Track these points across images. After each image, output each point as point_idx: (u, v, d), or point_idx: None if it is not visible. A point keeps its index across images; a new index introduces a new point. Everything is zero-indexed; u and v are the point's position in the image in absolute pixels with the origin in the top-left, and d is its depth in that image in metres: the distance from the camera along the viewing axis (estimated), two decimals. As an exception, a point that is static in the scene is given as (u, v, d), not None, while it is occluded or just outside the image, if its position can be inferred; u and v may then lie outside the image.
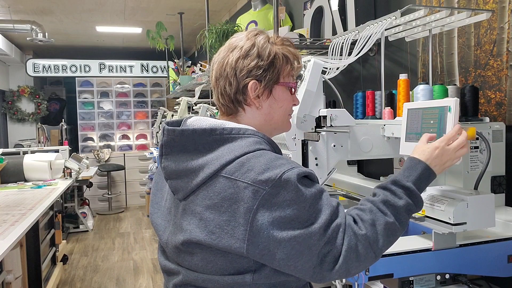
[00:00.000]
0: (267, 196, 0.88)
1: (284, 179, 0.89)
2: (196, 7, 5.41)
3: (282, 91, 1.06)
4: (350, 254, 0.90)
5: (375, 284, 1.36)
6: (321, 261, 0.89)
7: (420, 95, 1.42)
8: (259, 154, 0.94)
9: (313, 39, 2.39)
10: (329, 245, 0.89)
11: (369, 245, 0.92)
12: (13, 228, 2.30)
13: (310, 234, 0.88)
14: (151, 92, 8.44)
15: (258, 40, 1.03)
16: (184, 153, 0.99)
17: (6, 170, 3.96)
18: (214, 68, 1.07)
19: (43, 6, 5.33)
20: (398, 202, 0.97)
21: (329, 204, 0.92)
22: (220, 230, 0.91)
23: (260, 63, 1.01)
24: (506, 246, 1.31)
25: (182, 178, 0.98)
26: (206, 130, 0.97)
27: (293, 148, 1.43)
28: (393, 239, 0.97)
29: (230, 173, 0.92)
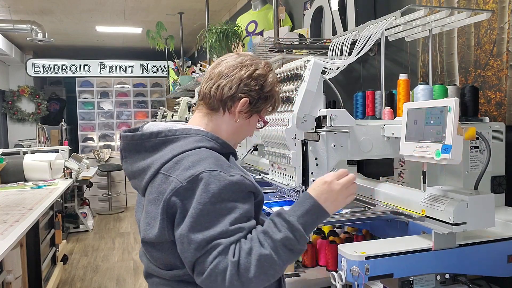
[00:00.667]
0: (181, 190, 1.00)
1: (200, 177, 0.99)
2: (196, 7, 5.41)
3: (255, 122, 1.22)
4: (216, 275, 0.95)
5: (375, 284, 1.36)
6: (193, 267, 0.98)
7: (420, 95, 1.42)
8: (193, 153, 1.05)
9: (313, 39, 2.39)
10: (203, 256, 0.96)
11: (237, 272, 0.94)
12: (13, 228, 2.30)
13: (191, 240, 0.97)
14: (151, 92, 8.44)
15: (270, 76, 1.19)
16: (137, 155, 1.13)
17: (6, 170, 3.96)
18: (227, 63, 1.17)
19: (43, 6, 5.33)
20: (277, 235, 0.98)
21: (225, 225, 0.97)
22: (153, 221, 1.05)
23: (261, 92, 1.16)
24: (506, 246, 1.31)
25: (137, 178, 1.13)
26: (153, 133, 1.11)
27: (293, 148, 1.43)
28: (269, 271, 0.96)
29: (166, 169, 1.05)
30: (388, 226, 1.60)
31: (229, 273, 0.94)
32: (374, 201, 1.54)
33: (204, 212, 0.97)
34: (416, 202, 1.33)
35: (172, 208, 1.01)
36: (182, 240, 0.98)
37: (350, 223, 1.86)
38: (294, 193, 1.48)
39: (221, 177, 1.00)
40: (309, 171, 1.43)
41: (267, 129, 1.57)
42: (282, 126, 1.45)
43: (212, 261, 0.95)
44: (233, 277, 0.94)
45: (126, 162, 1.16)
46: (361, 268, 1.18)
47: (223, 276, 0.94)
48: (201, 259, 0.96)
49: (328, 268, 1.80)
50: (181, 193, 1.00)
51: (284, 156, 1.48)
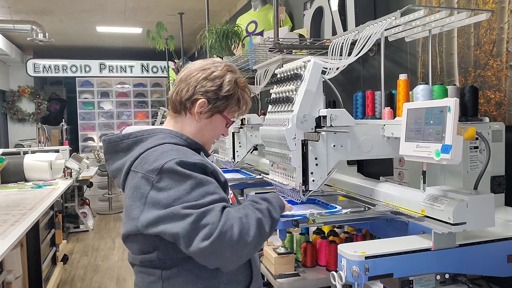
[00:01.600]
0: (155, 182, 1.10)
1: (165, 168, 1.10)
2: (196, 7, 5.41)
3: (220, 121, 1.30)
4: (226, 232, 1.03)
5: (375, 284, 1.36)
6: (194, 233, 1.04)
7: (419, 95, 1.42)
8: (156, 149, 1.17)
9: (313, 39, 2.39)
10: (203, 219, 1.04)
11: (242, 230, 1.06)
12: (13, 228, 2.30)
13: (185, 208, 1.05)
14: (151, 92, 8.44)
15: (228, 76, 1.27)
16: (115, 155, 1.24)
17: (6, 170, 3.96)
18: (184, 71, 1.29)
19: (43, 6, 5.34)
20: (261, 206, 1.18)
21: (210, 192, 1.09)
22: (128, 213, 1.15)
23: (218, 92, 1.25)
24: (505, 246, 1.31)
25: (117, 177, 1.25)
26: (125, 135, 1.23)
27: (293, 148, 1.43)
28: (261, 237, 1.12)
29: (134, 167, 1.17)
30: (388, 226, 1.60)
31: (237, 229, 1.05)
32: (374, 201, 1.54)
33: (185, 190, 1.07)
34: (416, 202, 1.33)
35: (150, 200, 1.10)
36: (172, 216, 1.05)
37: (350, 223, 1.86)
38: (294, 193, 1.48)
39: (184, 161, 1.11)
40: (309, 171, 1.43)
41: (267, 129, 1.57)
42: (282, 126, 1.45)
43: (219, 220, 1.04)
44: (241, 234, 1.05)
45: (109, 164, 1.27)
46: (361, 268, 1.18)
47: (231, 233, 1.04)
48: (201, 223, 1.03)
49: (328, 268, 1.80)
50: (155, 186, 1.10)
51: (284, 156, 1.49)
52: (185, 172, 1.09)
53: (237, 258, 1.07)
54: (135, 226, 1.13)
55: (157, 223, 1.08)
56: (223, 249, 1.03)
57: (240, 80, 1.30)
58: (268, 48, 2.30)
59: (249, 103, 1.34)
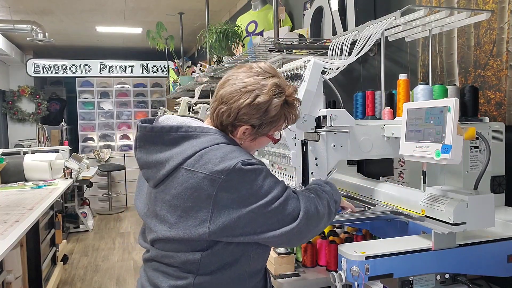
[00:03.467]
0: (223, 183, 1.04)
1: (237, 168, 1.05)
2: (196, 7, 5.41)
3: (265, 140, 1.23)
4: (308, 211, 1.10)
5: (375, 284, 1.36)
6: (280, 224, 1.07)
7: (420, 95, 1.42)
8: (216, 148, 1.09)
9: (313, 39, 2.39)
10: (283, 211, 1.07)
11: (317, 207, 1.14)
12: (13, 228, 2.30)
13: (265, 205, 1.05)
14: (151, 92, 8.44)
15: (275, 101, 1.13)
16: (154, 146, 1.14)
17: (6, 170, 3.96)
18: (231, 85, 1.14)
19: (43, 6, 5.34)
20: (325, 188, 1.25)
21: (277, 181, 1.11)
22: (186, 214, 1.07)
23: (263, 118, 1.13)
24: (505, 246, 1.31)
25: (152, 169, 1.14)
26: (173, 127, 1.12)
27: (293, 148, 1.43)
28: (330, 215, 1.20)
29: (190, 165, 1.08)
30: (388, 226, 1.60)
31: (314, 208, 1.13)
32: (374, 201, 1.54)
33: (259, 185, 1.07)
34: (416, 202, 1.33)
35: (220, 203, 1.05)
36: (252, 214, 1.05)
37: (350, 223, 1.86)
38: (294, 193, 1.48)
39: (253, 161, 1.09)
40: (309, 171, 1.43)
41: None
42: (282, 126, 1.44)
43: (298, 204, 1.10)
44: (318, 211, 1.14)
45: (141, 152, 1.17)
46: (361, 268, 1.18)
47: (314, 211, 1.13)
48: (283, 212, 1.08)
49: (328, 268, 1.80)
50: (225, 186, 1.05)
51: (284, 156, 1.49)
52: (253, 171, 1.07)
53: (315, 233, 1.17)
54: (202, 230, 1.06)
55: (237, 224, 1.05)
56: (309, 227, 1.12)
57: (289, 98, 1.17)
58: (268, 48, 2.30)
59: (298, 115, 1.23)
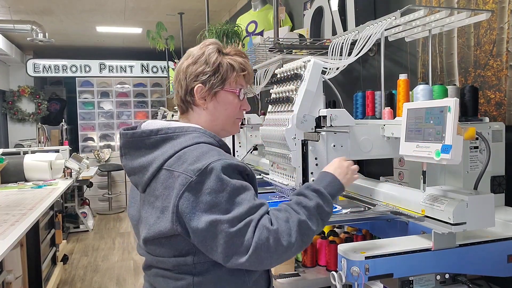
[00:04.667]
0: (193, 183, 1.02)
1: (209, 169, 1.02)
2: (196, 7, 5.41)
3: (227, 96, 1.21)
4: (261, 246, 0.99)
5: (375, 284, 1.36)
6: (231, 250, 1.00)
7: (420, 95, 1.42)
8: (194, 148, 1.08)
9: (313, 39, 2.39)
10: (239, 236, 0.99)
11: (279, 239, 1.01)
12: (13, 228, 2.30)
13: (222, 221, 0.99)
14: (151, 92, 8.44)
15: (208, 49, 1.19)
16: (137, 151, 1.15)
17: (6, 170, 3.96)
18: (174, 74, 1.25)
19: (43, 6, 5.34)
20: (309, 203, 1.09)
21: (249, 200, 1.03)
22: (162, 215, 1.07)
23: (206, 69, 1.17)
24: (505, 246, 1.31)
25: (137, 174, 1.15)
26: (153, 131, 1.13)
27: (293, 148, 1.43)
28: (306, 237, 1.06)
29: (169, 165, 1.08)
30: (388, 226, 1.60)
31: (273, 240, 1.00)
32: (374, 201, 1.54)
33: (224, 198, 1.01)
34: (416, 202, 1.33)
35: (185, 203, 1.02)
36: (213, 225, 0.99)
37: (350, 223, 1.86)
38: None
39: (228, 164, 1.05)
40: (309, 171, 1.43)
41: (267, 129, 1.57)
42: (282, 126, 1.45)
43: (252, 236, 0.99)
44: (278, 243, 1.00)
45: (126, 159, 1.19)
46: (361, 268, 1.18)
47: (268, 245, 0.99)
48: (239, 238, 0.99)
49: (328, 268, 1.80)
50: (193, 187, 1.02)
51: (284, 156, 1.49)
52: (226, 178, 1.02)
53: (279, 262, 1.05)
54: (170, 231, 1.05)
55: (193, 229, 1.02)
56: (263, 260, 1.01)
57: (224, 48, 1.22)
58: (268, 48, 2.30)
59: (247, 64, 1.23)
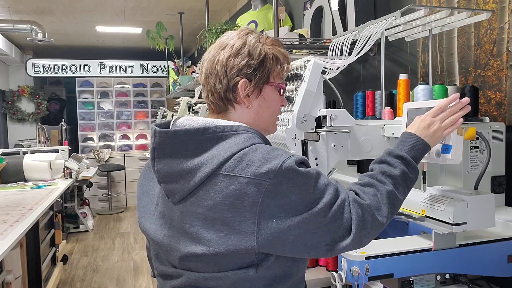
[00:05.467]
0: (270, 187, 0.90)
1: (284, 168, 0.91)
2: (196, 7, 5.41)
3: (272, 91, 1.07)
4: (360, 223, 0.94)
5: (375, 284, 1.36)
6: (333, 237, 0.93)
7: (420, 95, 1.42)
8: (255, 148, 0.95)
9: (313, 39, 2.39)
10: (338, 220, 0.93)
11: (374, 213, 0.97)
12: (13, 228, 2.30)
13: (317, 214, 0.91)
14: (151, 92, 8.44)
15: (249, 39, 1.04)
16: (177, 154, 0.97)
17: (6, 170, 3.96)
18: (204, 66, 1.07)
19: (43, 6, 5.33)
20: (394, 171, 1.04)
21: (330, 184, 0.96)
22: (228, 228, 0.91)
23: (251, 62, 1.02)
24: (506, 246, 1.31)
25: (178, 180, 0.97)
26: (199, 130, 0.97)
27: (293, 148, 1.42)
28: (394, 207, 1.02)
29: (229, 170, 0.92)
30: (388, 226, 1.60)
31: (368, 215, 0.96)
32: (374, 201, 1.53)
33: (309, 190, 0.92)
34: (416, 202, 1.33)
35: (266, 210, 0.90)
36: (306, 222, 0.91)
37: (350, 223, 1.85)
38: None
39: (293, 157, 0.94)
40: (309, 171, 1.43)
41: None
42: (282, 126, 1.45)
43: (350, 215, 0.94)
44: (373, 218, 0.97)
45: (161, 163, 0.99)
46: (361, 268, 1.18)
47: (364, 221, 0.95)
48: (337, 222, 0.93)
49: (328, 268, 1.80)
50: (272, 191, 0.90)
51: (284, 156, 1.48)
52: (302, 170, 0.92)
53: (373, 238, 1.01)
54: (250, 245, 0.90)
55: (286, 234, 0.91)
56: (361, 237, 0.96)
57: (264, 37, 1.08)
58: (268, 48, 2.29)
59: (287, 55, 1.11)
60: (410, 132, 1.12)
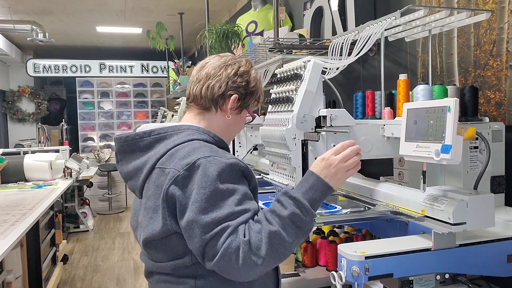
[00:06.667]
0: (180, 177, 1.03)
1: (197, 164, 1.02)
2: (196, 7, 5.41)
3: (244, 115, 1.28)
4: (230, 255, 0.96)
5: (375, 284, 1.36)
6: (204, 251, 0.99)
7: (419, 95, 1.42)
8: (187, 145, 1.09)
9: (313, 39, 2.39)
10: (213, 240, 0.98)
11: (249, 251, 0.96)
12: (13, 228, 2.30)
13: (199, 224, 0.98)
14: (151, 92, 8.44)
15: (253, 72, 1.26)
16: (132, 155, 1.16)
17: (6, 170, 3.96)
18: (210, 66, 1.23)
19: (43, 6, 5.34)
20: (283, 212, 1.01)
21: (230, 206, 1.00)
22: (154, 214, 1.07)
23: (247, 87, 1.23)
24: (505, 246, 1.31)
25: (134, 178, 1.15)
26: (146, 132, 1.14)
27: (293, 148, 1.43)
28: (280, 248, 0.99)
29: (161, 163, 1.08)
30: (388, 226, 1.60)
31: (242, 252, 0.96)
32: (374, 201, 1.54)
33: (207, 196, 0.99)
34: (415, 202, 1.33)
35: (172, 198, 1.03)
36: (190, 226, 0.99)
37: (350, 223, 1.86)
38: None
39: (218, 161, 1.03)
40: (309, 171, 1.43)
41: (267, 129, 1.57)
42: (282, 126, 1.45)
43: (223, 242, 0.97)
44: (246, 255, 0.96)
45: (122, 165, 1.19)
46: (361, 268, 1.18)
47: (237, 255, 0.96)
48: (211, 242, 0.97)
49: (328, 268, 1.80)
50: (180, 181, 1.02)
51: (284, 156, 1.49)
52: (214, 177, 1.00)
53: (249, 276, 0.99)
54: (163, 227, 1.05)
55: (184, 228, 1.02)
56: (229, 270, 0.98)
57: (258, 76, 1.32)
58: (268, 48, 2.30)
59: (263, 97, 1.35)
60: (311, 171, 1.10)
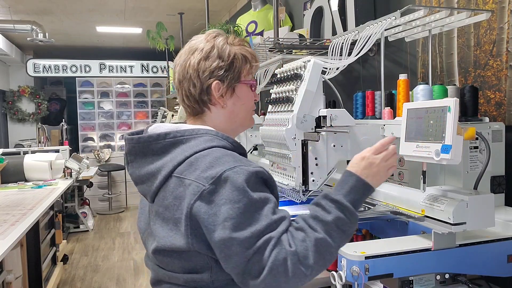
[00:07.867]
0: (205, 193, 0.93)
1: (224, 177, 0.93)
2: (196, 7, 5.41)
3: (244, 89, 1.12)
4: (278, 267, 0.89)
5: (375, 284, 1.36)
6: (246, 269, 0.90)
7: (419, 95, 1.42)
8: (207, 153, 0.99)
9: (313, 39, 2.39)
10: (257, 255, 0.89)
11: (298, 261, 0.90)
12: (13, 228, 2.30)
13: (237, 241, 0.89)
14: (151, 92, 8.44)
15: (218, 42, 1.09)
16: (145, 158, 1.05)
17: (6, 170, 3.96)
18: (176, 71, 1.12)
19: (43, 6, 5.34)
20: (327, 217, 0.95)
21: (267, 216, 0.92)
22: (175, 227, 0.98)
23: (221, 63, 1.07)
24: (505, 246, 1.31)
25: (146, 182, 1.05)
26: (161, 135, 1.03)
27: (293, 148, 1.43)
28: (327, 255, 0.95)
29: (180, 172, 0.99)
30: (388, 226, 1.60)
31: (291, 263, 0.89)
32: (374, 201, 1.54)
33: (241, 210, 0.90)
34: (416, 202, 1.33)
35: (197, 215, 0.93)
36: (227, 244, 0.90)
37: (350, 223, 1.85)
38: (294, 193, 1.48)
39: (244, 170, 0.94)
40: (309, 171, 1.43)
41: (267, 129, 1.57)
42: (282, 126, 1.45)
43: (269, 255, 0.89)
44: (295, 267, 0.90)
45: (133, 167, 1.08)
46: (361, 268, 1.18)
47: (285, 267, 0.89)
48: (255, 257, 0.89)
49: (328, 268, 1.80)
50: (206, 197, 0.93)
51: (284, 156, 1.49)
52: (245, 188, 0.92)
53: (299, 286, 0.93)
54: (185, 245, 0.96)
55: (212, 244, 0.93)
56: (277, 284, 0.90)
57: (231, 38, 1.12)
58: (268, 48, 2.30)
59: (255, 54, 1.15)
60: (351, 172, 1.04)
